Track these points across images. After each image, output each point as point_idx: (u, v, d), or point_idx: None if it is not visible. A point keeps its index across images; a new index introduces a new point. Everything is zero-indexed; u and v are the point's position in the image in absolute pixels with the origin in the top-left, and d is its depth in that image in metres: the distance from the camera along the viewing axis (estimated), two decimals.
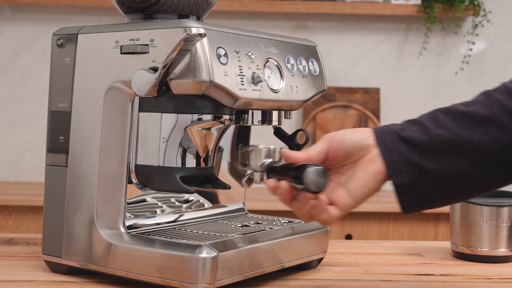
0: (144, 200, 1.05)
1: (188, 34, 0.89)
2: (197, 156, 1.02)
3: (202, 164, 1.03)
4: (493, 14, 2.80)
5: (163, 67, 0.89)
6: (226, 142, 1.15)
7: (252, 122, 1.05)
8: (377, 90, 2.80)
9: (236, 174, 1.17)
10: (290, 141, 1.10)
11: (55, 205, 1.03)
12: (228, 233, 1.02)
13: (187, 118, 1.00)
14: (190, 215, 1.11)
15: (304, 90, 1.07)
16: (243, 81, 0.95)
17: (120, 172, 0.98)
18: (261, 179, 0.92)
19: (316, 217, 0.88)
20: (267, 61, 1.01)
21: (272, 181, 0.89)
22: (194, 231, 1.03)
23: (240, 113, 1.04)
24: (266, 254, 0.99)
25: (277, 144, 1.01)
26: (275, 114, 1.06)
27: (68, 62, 1.02)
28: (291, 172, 0.87)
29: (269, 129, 1.14)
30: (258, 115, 1.05)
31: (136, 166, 1.01)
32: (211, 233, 1.02)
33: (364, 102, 2.79)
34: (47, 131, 1.04)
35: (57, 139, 1.03)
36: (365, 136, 0.89)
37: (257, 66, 0.99)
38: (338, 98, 2.78)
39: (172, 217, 1.08)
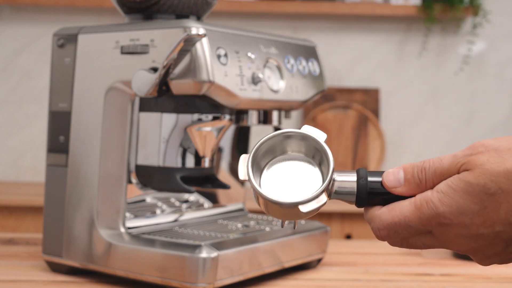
0: (144, 200, 1.05)
1: (188, 34, 0.89)
2: (197, 156, 1.02)
3: (202, 164, 1.03)
4: (492, 14, 2.80)
5: (163, 67, 0.90)
6: (226, 142, 1.15)
7: (252, 123, 1.05)
8: (377, 90, 2.80)
9: (236, 174, 1.18)
10: None
11: (55, 205, 1.03)
12: (228, 233, 1.02)
13: (187, 118, 1.00)
14: (190, 215, 1.11)
15: (304, 90, 1.07)
16: (243, 82, 0.95)
17: (120, 172, 0.99)
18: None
19: None
20: (267, 61, 1.01)
21: None
22: (194, 231, 1.03)
23: (240, 113, 1.04)
24: (266, 254, 0.99)
25: None
26: (275, 114, 1.07)
27: (68, 62, 1.02)
28: None
29: (269, 130, 1.14)
30: (258, 115, 1.05)
31: (136, 166, 1.01)
32: (211, 233, 1.02)
33: (364, 102, 2.79)
34: (47, 131, 1.05)
35: (57, 139, 1.03)
36: None
37: (257, 66, 0.99)
38: (338, 98, 2.78)
39: (172, 217, 1.08)
